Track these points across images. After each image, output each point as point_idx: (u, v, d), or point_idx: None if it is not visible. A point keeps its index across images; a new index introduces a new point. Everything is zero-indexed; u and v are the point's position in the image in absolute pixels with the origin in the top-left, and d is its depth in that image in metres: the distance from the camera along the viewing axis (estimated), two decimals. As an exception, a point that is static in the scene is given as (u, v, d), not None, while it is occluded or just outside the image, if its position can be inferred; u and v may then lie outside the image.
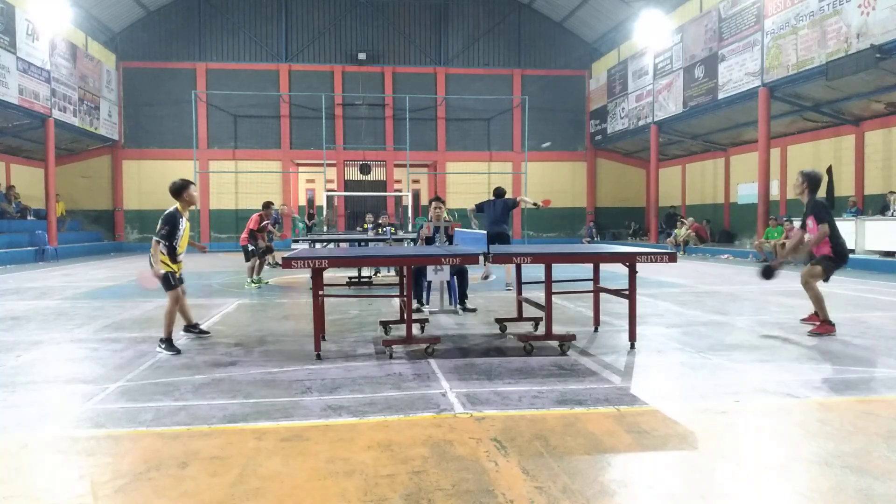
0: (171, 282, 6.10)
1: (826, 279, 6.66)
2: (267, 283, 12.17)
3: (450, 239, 8.74)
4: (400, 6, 26.76)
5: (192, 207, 6.41)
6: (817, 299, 6.60)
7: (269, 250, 12.75)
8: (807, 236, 6.79)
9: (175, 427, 3.76)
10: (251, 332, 6.95)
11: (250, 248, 11.69)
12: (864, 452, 3.28)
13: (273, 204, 12.75)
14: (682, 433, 3.62)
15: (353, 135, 26.47)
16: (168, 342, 5.92)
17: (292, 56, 26.27)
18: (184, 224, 6.23)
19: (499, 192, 10.89)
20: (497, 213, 10.52)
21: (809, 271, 6.60)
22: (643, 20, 22.49)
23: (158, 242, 6.04)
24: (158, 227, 6.08)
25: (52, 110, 19.56)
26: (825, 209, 6.66)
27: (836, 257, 6.56)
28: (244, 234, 11.85)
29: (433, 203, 9.10)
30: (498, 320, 6.92)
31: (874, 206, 16.03)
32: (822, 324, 6.52)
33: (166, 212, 6.20)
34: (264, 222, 12.01)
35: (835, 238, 6.54)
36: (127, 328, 7.18)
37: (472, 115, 27.04)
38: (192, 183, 6.38)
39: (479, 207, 11.01)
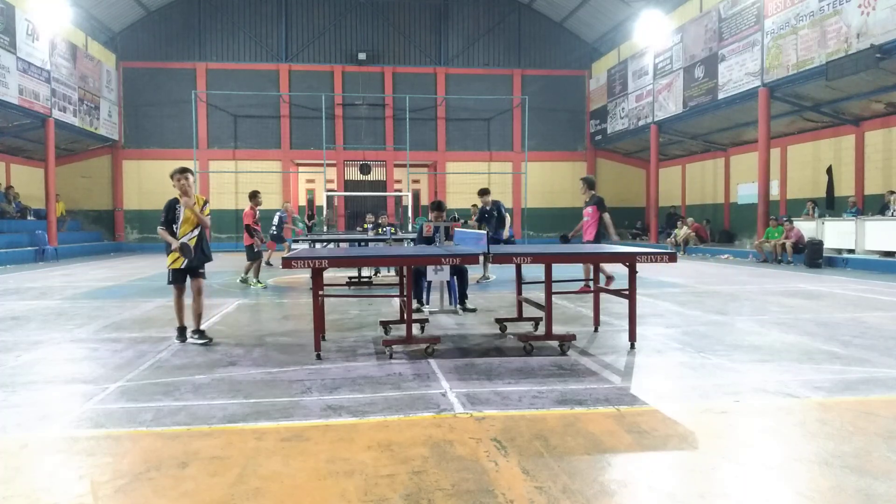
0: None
1: None
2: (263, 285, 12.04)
3: (449, 239, 8.72)
4: (400, 6, 26.75)
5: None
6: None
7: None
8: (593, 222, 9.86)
9: (175, 427, 3.76)
10: (251, 332, 6.95)
11: (256, 249, 11.68)
12: (864, 452, 3.28)
13: (259, 193, 12.33)
14: (682, 433, 3.62)
15: (353, 135, 26.46)
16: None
17: (292, 56, 26.26)
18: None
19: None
20: None
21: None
22: (643, 20, 22.49)
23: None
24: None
25: (52, 110, 19.55)
26: (603, 202, 10.01)
27: (595, 240, 9.78)
28: (245, 234, 11.82)
29: (433, 210, 9.00)
30: (498, 320, 6.92)
31: (874, 206, 16.02)
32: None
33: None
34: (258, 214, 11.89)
35: (601, 225, 9.75)
36: (127, 328, 7.18)
37: (471, 115, 27.03)
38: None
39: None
